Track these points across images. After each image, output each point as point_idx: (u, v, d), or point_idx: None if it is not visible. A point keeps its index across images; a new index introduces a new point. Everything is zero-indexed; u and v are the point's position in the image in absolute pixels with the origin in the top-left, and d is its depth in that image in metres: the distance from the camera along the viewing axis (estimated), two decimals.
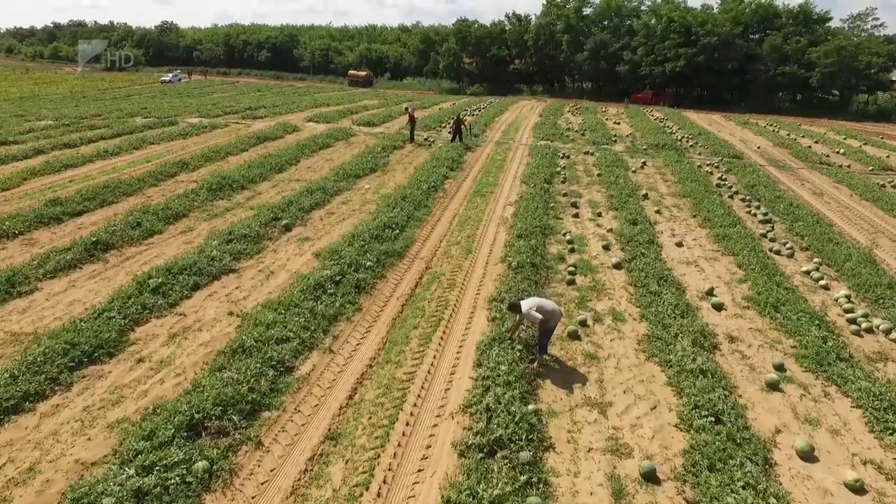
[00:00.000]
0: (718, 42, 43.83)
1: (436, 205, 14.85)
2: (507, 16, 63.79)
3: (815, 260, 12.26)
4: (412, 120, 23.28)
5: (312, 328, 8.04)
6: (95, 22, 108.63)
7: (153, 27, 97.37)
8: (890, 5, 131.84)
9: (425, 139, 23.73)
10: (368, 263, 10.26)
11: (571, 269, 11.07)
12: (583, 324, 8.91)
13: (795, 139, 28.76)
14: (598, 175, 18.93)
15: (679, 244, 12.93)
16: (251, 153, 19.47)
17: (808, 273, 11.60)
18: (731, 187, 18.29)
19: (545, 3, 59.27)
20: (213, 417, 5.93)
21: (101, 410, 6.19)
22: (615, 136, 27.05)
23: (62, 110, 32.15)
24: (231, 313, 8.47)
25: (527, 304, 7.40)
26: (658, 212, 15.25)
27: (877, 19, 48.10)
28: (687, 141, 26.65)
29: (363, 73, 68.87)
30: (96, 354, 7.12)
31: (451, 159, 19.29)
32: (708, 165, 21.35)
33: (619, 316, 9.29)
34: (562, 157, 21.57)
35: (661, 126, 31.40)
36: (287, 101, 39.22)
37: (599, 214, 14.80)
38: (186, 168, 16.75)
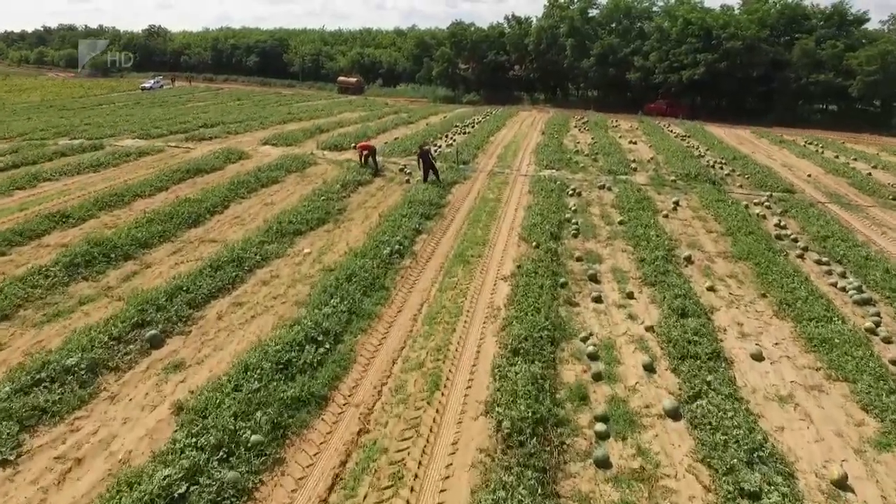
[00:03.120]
0: (743, 46, 39.84)
1: (397, 284, 10.65)
2: (506, 18, 60.00)
3: None
4: (371, 152, 19.20)
5: None
6: (86, 26, 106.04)
7: (140, 31, 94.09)
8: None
9: (401, 169, 19.58)
10: (254, 438, 6.06)
11: (601, 425, 6.89)
12: None
13: (848, 163, 24.67)
14: (621, 223, 14.78)
15: (757, 356, 8.74)
16: (169, 194, 15.32)
17: None
18: (795, 240, 14.17)
19: (547, 4, 55.48)
20: None
21: None
22: (634, 161, 22.92)
23: None
24: None
25: None
26: (711, 288, 11.09)
27: None
28: (721, 167, 22.54)
29: (353, 80, 65.58)
30: None
31: (429, 202, 15.15)
32: (757, 205, 17.23)
33: None
34: (571, 195, 17.43)
35: (685, 146, 27.30)
36: (258, 113, 35.22)
37: (630, 295, 10.62)
38: (66, 222, 12.59)
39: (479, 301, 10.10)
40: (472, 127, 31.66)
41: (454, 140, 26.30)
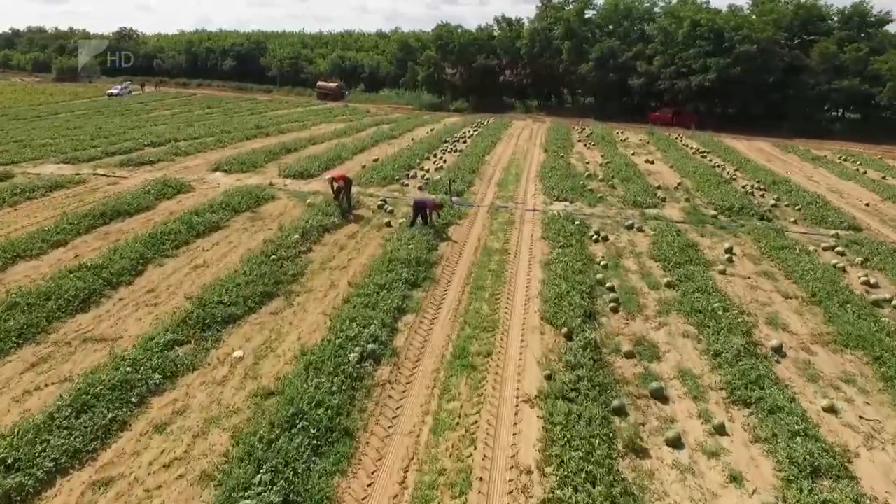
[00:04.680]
0: (757, 50, 36.93)
1: (370, 421, 7.09)
2: (496, 19, 56.83)
3: None
4: (346, 184, 15.30)
5: None
6: (56, 28, 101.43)
7: (110, 34, 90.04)
8: None
9: (381, 205, 15.98)
10: None
11: None
12: None
13: None
14: (669, 286, 11.38)
15: None
16: (67, 252, 11.60)
17: None
18: None
19: (539, 4, 52.40)
20: None
21: None
22: (659, 188, 19.60)
23: None
24: None
25: None
26: (831, 409, 7.69)
27: None
28: (762, 194, 19.34)
29: (333, 85, 62.48)
30: None
31: (416, 260, 11.59)
32: (827, 250, 13.98)
33: None
34: (596, 240, 14.01)
35: (709, 165, 24.14)
36: (223, 126, 31.51)
37: (720, 430, 7.22)
38: None
39: (495, 453, 6.58)
40: (464, 142, 28.20)
41: (444, 161, 22.80)
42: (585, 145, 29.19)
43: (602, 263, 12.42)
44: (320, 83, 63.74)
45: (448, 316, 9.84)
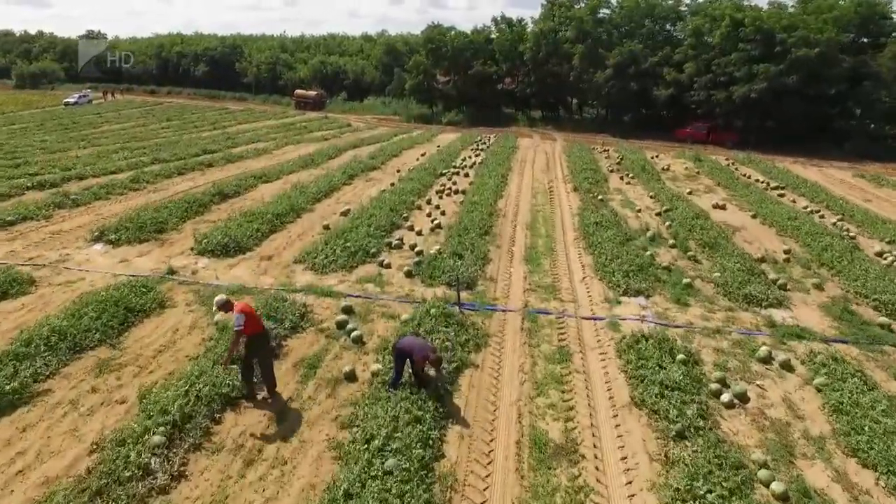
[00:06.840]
0: (816, 55, 31.31)
1: None
2: (494, 20, 51.06)
3: None
4: (251, 337, 7.19)
5: None
6: (25, 31, 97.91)
7: (76, 37, 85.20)
8: None
9: (342, 322, 9.66)
10: None
11: None
12: None
13: None
14: None
15: None
16: None
17: None
18: None
19: (545, 2, 46.62)
20: None
21: None
22: (763, 259, 13.56)
23: None
24: None
25: None
26: None
27: None
28: None
29: (312, 93, 58.17)
30: None
31: None
32: None
33: None
34: (729, 403, 7.86)
35: (803, 211, 18.20)
36: (166, 147, 25.59)
37: None
38: None
39: None
40: (466, 176, 22.13)
41: (441, 212, 16.65)
42: (622, 178, 23.13)
43: (768, 479, 6.32)
44: (298, 91, 59.00)
45: None
